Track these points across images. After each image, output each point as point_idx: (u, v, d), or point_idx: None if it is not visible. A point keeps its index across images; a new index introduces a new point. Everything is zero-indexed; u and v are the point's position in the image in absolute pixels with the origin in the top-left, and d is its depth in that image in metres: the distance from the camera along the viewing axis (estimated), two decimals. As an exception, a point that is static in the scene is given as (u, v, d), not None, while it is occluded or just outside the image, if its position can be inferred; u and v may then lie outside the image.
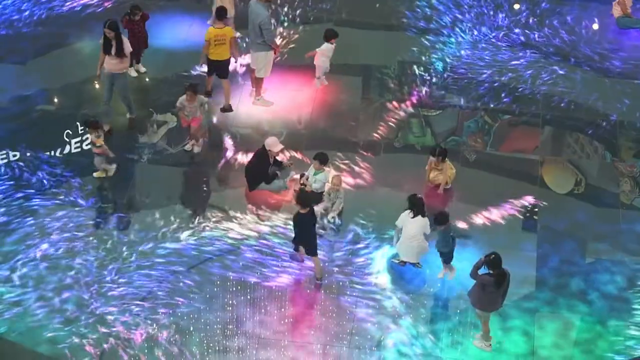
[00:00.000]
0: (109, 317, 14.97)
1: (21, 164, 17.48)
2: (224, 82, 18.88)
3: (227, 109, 18.98)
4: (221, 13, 18.50)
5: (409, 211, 15.56)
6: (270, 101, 19.08)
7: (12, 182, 17.14)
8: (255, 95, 19.04)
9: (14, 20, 20.95)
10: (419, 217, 15.47)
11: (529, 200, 17.17)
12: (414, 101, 19.30)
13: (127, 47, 17.83)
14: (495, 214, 16.84)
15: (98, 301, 15.19)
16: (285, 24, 21.10)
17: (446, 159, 16.96)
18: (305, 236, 15.42)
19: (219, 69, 18.73)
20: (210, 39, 18.33)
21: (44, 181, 17.18)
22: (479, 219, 16.75)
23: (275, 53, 18.82)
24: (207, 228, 16.49)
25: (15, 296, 15.25)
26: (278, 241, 16.27)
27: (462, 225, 16.60)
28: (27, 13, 21.13)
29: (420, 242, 15.49)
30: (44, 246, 16.02)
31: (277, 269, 15.83)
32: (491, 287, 14.17)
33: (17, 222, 16.46)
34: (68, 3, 21.49)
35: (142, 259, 15.86)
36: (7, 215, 16.58)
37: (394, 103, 19.24)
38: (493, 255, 14.11)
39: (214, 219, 16.67)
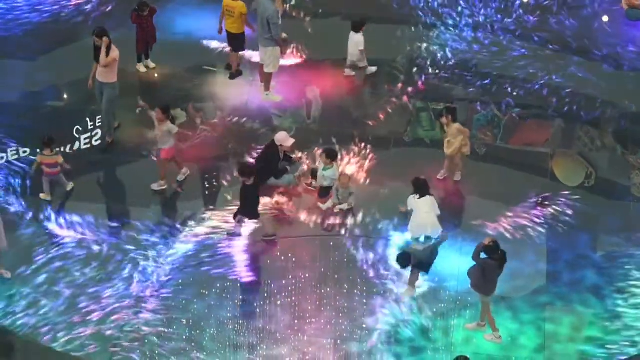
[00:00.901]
0: (117, 317, 14.95)
1: (30, 159, 17.46)
2: (232, 54, 19.37)
3: (235, 74, 19.46)
4: None
5: (415, 195, 15.67)
6: (279, 96, 19.06)
7: (22, 179, 17.15)
8: (264, 90, 19.03)
9: (24, 18, 20.98)
10: (426, 196, 15.59)
11: (539, 193, 17.13)
12: (423, 95, 19.29)
13: (114, 54, 17.41)
14: (505, 208, 16.79)
15: (109, 300, 15.21)
16: (294, 18, 21.11)
17: (455, 123, 16.83)
18: (249, 205, 15.83)
19: (232, 41, 19.18)
20: (222, 8, 18.94)
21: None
22: (489, 213, 16.69)
23: (282, 51, 18.79)
24: (217, 223, 16.47)
25: (31, 295, 15.21)
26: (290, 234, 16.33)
27: (473, 219, 16.59)
28: (36, 10, 21.17)
29: (434, 215, 15.57)
30: (56, 246, 16.01)
31: (291, 265, 15.83)
32: (493, 271, 14.24)
33: (29, 221, 16.49)
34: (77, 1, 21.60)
35: (157, 257, 15.85)
36: (19, 215, 16.59)
37: (403, 97, 19.23)
38: (492, 242, 14.18)
39: (223, 214, 16.64)
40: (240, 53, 19.52)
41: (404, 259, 14.87)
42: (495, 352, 14.58)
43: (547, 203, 16.87)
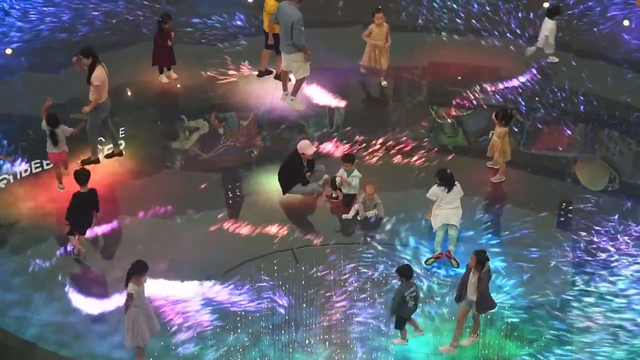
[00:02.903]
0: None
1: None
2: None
3: (264, 73, 19.60)
4: None
5: (442, 188, 15.87)
6: (301, 105, 19.08)
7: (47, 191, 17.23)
8: (291, 94, 19.00)
9: (47, 31, 21.10)
10: (453, 188, 15.92)
11: (563, 198, 17.12)
12: (446, 101, 19.29)
13: (96, 77, 17.03)
14: (528, 213, 16.79)
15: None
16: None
17: (505, 127, 16.91)
18: (83, 217, 15.50)
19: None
20: None
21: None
22: (511, 219, 16.72)
23: (305, 55, 18.72)
24: (242, 234, 16.48)
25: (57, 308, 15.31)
26: (309, 241, 16.36)
27: (495, 225, 16.63)
28: (58, 24, 21.29)
29: (459, 206, 15.92)
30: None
31: (315, 274, 15.83)
32: (488, 281, 14.25)
33: (53, 232, 16.57)
34: (99, 13, 21.64)
35: (178, 268, 15.89)
36: (44, 228, 16.68)
37: (426, 104, 19.25)
38: (487, 258, 14.14)
39: (248, 224, 16.67)
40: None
41: (406, 270, 14.52)
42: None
43: (570, 207, 16.86)
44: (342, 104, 19.28)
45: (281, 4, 18.54)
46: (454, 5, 21.77)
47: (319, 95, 19.37)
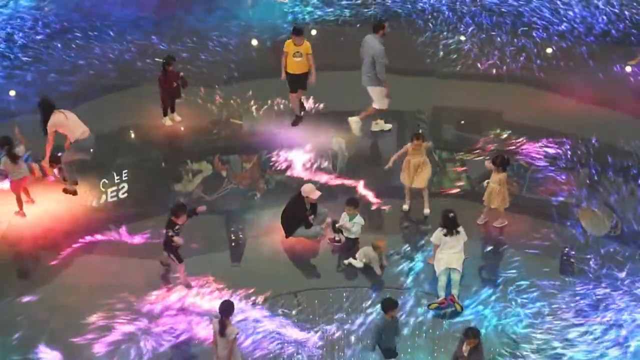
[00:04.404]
0: None
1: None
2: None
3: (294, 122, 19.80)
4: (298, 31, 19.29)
5: (445, 230, 15.94)
6: (389, 125, 19.57)
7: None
8: (360, 117, 19.44)
9: (52, 71, 21.24)
10: (455, 234, 15.96)
11: (567, 244, 17.09)
12: (450, 146, 19.36)
13: (49, 125, 17.21)
14: (531, 258, 16.73)
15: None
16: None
17: (504, 173, 16.97)
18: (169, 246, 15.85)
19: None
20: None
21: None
22: (514, 264, 16.63)
23: (385, 90, 19.00)
24: (244, 277, 16.37)
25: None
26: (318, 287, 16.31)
27: (498, 270, 16.60)
28: (58, 66, 21.47)
29: (461, 250, 15.99)
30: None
31: (317, 317, 15.79)
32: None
33: (54, 277, 16.53)
34: (108, 53, 21.78)
35: (178, 311, 15.83)
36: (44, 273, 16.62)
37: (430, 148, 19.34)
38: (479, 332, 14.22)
39: (251, 267, 16.64)
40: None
41: (390, 303, 14.57)
42: None
43: (574, 254, 16.85)
44: (343, 146, 19.43)
45: (366, 37, 19.08)
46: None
47: (322, 139, 19.50)
